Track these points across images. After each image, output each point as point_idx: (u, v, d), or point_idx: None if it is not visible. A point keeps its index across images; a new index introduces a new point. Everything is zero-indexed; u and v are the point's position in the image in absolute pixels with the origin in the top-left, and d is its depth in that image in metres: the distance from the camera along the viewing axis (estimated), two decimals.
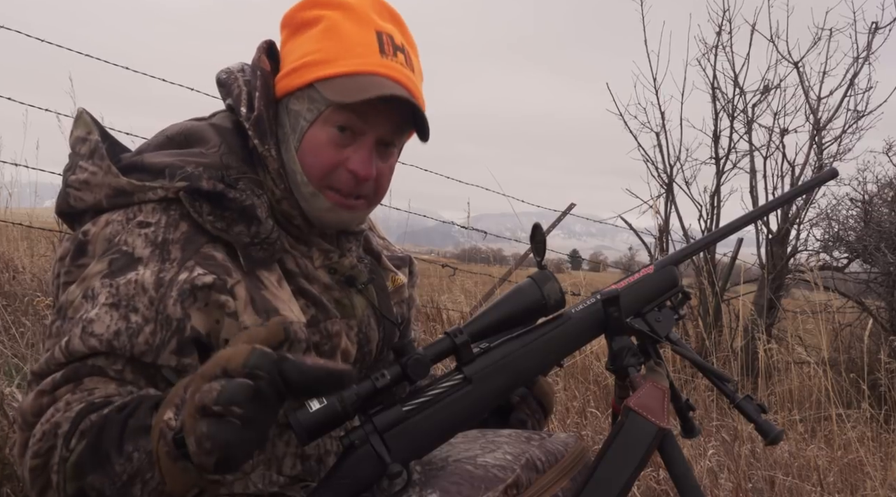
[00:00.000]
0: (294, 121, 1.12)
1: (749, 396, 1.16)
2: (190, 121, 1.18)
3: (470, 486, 1.05)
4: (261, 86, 1.12)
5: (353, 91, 1.07)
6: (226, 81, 1.15)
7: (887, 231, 5.00)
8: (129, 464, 0.87)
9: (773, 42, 5.30)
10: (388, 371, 1.05)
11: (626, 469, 1.06)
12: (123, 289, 0.99)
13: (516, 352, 1.11)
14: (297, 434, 1.00)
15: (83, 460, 0.89)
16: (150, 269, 1.00)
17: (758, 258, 5.40)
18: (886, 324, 4.97)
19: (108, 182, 1.06)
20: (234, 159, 1.10)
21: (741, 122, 5.38)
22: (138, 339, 0.98)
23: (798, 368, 4.04)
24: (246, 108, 1.11)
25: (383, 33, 1.13)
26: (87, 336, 0.97)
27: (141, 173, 1.07)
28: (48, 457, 0.91)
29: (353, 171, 1.12)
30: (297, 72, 1.11)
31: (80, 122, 1.12)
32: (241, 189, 1.06)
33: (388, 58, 1.11)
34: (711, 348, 4.19)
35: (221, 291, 1.02)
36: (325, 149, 1.11)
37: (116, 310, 0.98)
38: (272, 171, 1.10)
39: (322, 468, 1.15)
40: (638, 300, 1.18)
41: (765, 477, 2.54)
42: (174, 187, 1.05)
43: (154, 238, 1.03)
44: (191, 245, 1.04)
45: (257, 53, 1.17)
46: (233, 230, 1.06)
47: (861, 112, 5.27)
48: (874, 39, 5.20)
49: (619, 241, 7.91)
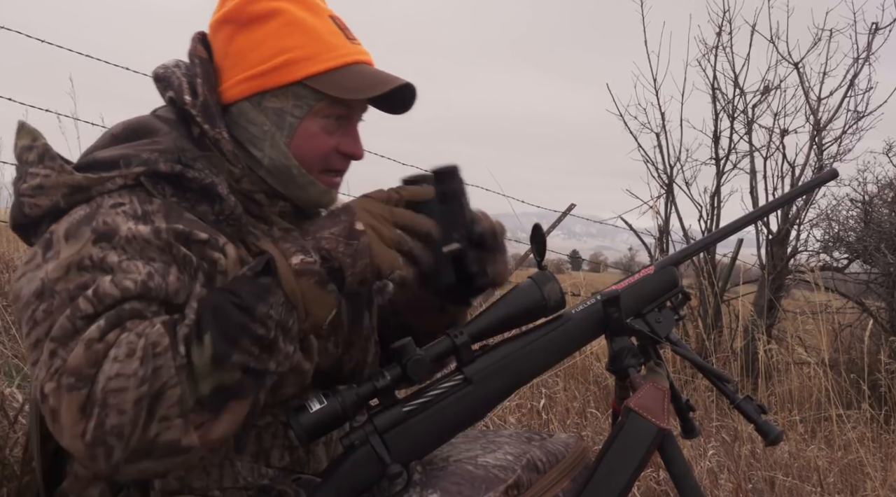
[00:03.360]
0: (277, 118, 1.12)
1: (749, 397, 1.16)
2: (132, 118, 1.16)
3: (471, 487, 1.05)
4: (201, 72, 1.12)
5: (356, 86, 1.11)
6: (163, 75, 1.15)
7: (887, 232, 5.00)
8: (269, 321, 0.94)
9: (773, 43, 5.30)
10: (389, 371, 1.05)
11: (626, 469, 1.06)
12: (128, 244, 0.98)
13: (516, 352, 1.11)
14: (297, 434, 1.00)
15: (218, 349, 0.91)
16: (140, 226, 0.99)
17: (758, 259, 5.40)
18: (886, 324, 4.97)
19: (62, 180, 1.03)
20: (187, 144, 1.10)
21: (741, 123, 5.39)
22: (170, 278, 0.98)
23: (798, 369, 4.04)
24: (190, 95, 1.10)
25: (334, 17, 1.16)
26: (120, 279, 0.94)
27: (94, 169, 1.05)
28: (155, 379, 0.88)
29: (350, 154, 1.17)
30: (276, 71, 1.11)
31: (23, 132, 1.08)
32: (200, 168, 1.06)
33: (353, 42, 1.15)
34: (711, 349, 4.19)
35: (215, 248, 1.03)
36: (319, 138, 1.13)
37: (137, 258, 0.97)
38: (227, 152, 1.10)
39: (312, 458, 1.15)
40: (638, 301, 1.18)
41: (765, 477, 2.54)
42: (132, 173, 1.03)
43: (133, 212, 1.01)
44: (173, 212, 1.03)
45: (192, 43, 1.16)
46: (197, 210, 1.06)
47: (861, 113, 5.27)
48: (874, 40, 5.21)
49: (620, 242, 7.92)
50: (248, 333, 0.93)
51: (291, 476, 1.12)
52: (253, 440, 1.09)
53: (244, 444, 1.08)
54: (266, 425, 1.10)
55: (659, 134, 5.40)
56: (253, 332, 0.93)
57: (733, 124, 5.37)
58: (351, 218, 1.02)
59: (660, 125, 5.40)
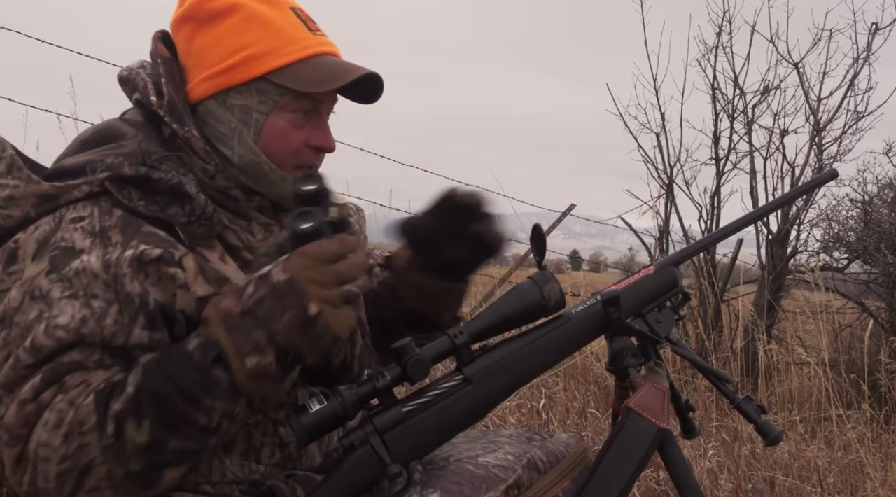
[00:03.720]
0: (244, 115, 1.11)
1: (749, 397, 1.16)
2: (102, 122, 1.15)
3: (471, 487, 1.05)
4: (165, 72, 1.11)
5: (318, 79, 1.09)
6: (128, 78, 1.14)
7: (887, 232, 5.00)
8: (214, 412, 0.93)
9: (773, 43, 5.30)
10: (388, 371, 1.05)
11: (626, 469, 1.06)
12: (75, 279, 0.97)
13: (516, 352, 1.11)
14: (297, 434, 1.00)
15: (156, 435, 0.90)
16: (94, 254, 0.99)
17: (758, 259, 5.40)
18: (886, 324, 4.97)
19: (31, 191, 1.03)
20: (154, 145, 1.09)
21: (741, 123, 5.38)
22: (106, 321, 0.96)
23: (798, 369, 4.05)
24: (155, 96, 1.09)
25: (296, 9, 1.14)
26: (52, 329, 0.94)
27: (62, 177, 1.05)
28: (79, 457, 0.90)
29: (321, 147, 1.15)
30: (238, 68, 1.10)
31: None
32: (166, 169, 1.05)
33: (316, 34, 1.13)
34: (711, 349, 4.20)
35: (170, 264, 1.01)
36: (288, 133, 1.12)
37: (76, 299, 0.96)
38: (199, 150, 1.09)
39: (304, 454, 1.15)
40: (638, 301, 1.18)
41: (765, 478, 2.54)
42: (98, 179, 1.03)
43: (91, 228, 1.01)
44: (130, 227, 1.02)
45: (154, 43, 1.15)
46: (168, 211, 1.05)
47: (861, 113, 5.27)
48: (874, 40, 5.21)
49: (619, 242, 7.91)
50: (189, 422, 0.92)
51: (285, 472, 1.12)
52: (243, 438, 1.09)
53: (234, 443, 1.08)
54: (256, 424, 1.10)
55: (659, 134, 5.40)
56: (195, 421, 0.92)
57: (733, 124, 5.37)
58: (302, 301, 0.94)
59: (660, 125, 5.40)
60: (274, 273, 0.95)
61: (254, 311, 0.94)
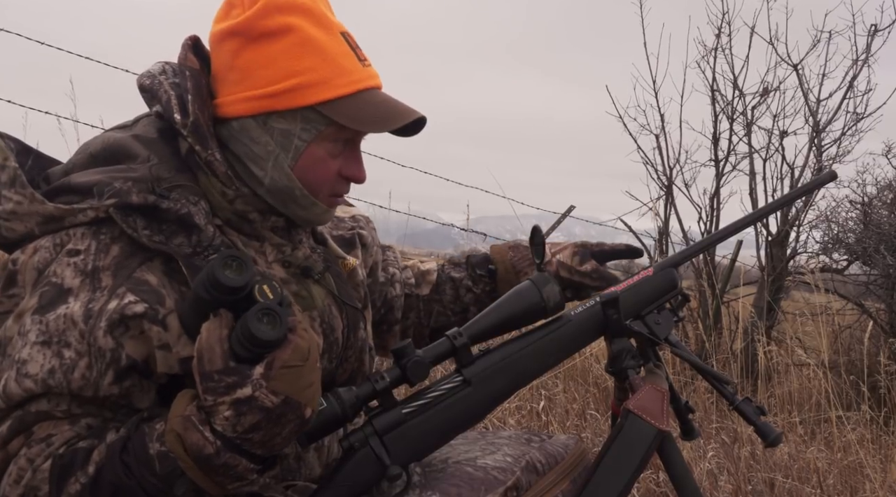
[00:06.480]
0: (284, 140, 1.08)
1: (748, 398, 1.17)
2: (112, 131, 1.13)
3: (470, 489, 1.05)
4: (192, 87, 1.07)
5: (369, 117, 1.08)
6: (150, 87, 1.10)
7: (887, 233, 4.99)
8: None
9: (772, 44, 5.30)
10: (388, 373, 1.05)
11: (625, 471, 1.06)
12: (53, 324, 0.96)
13: (516, 354, 1.11)
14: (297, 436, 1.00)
15: None
16: (80, 300, 0.97)
17: (757, 260, 5.40)
18: (886, 326, 4.97)
19: (35, 210, 1.02)
20: (166, 169, 1.06)
21: (740, 125, 5.38)
22: (74, 374, 0.95)
23: (798, 370, 4.04)
24: (180, 114, 1.06)
25: (346, 34, 1.12)
26: (21, 378, 0.95)
27: (69, 195, 1.04)
28: None
29: (354, 178, 1.14)
30: (287, 94, 1.07)
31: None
32: (175, 199, 1.03)
33: (364, 64, 1.11)
34: (711, 350, 4.19)
35: (154, 321, 0.99)
36: (325, 163, 1.11)
37: (48, 347, 0.96)
38: (220, 174, 1.07)
39: (302, 465, 1.14)
40: (637, 302, 1.19)
41: (764, 479, 2.54)
42: (104, 206, 1.01)
43: (84, 267, 0.99)
44: (123, 270, 1.00)
45: (183, 51, 1.12)
46: (172, 242, 1.03)
47: (860, 114, 5.26)
48: (873, 42, 5.20)
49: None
50: None
51: (283, 483, 1.11)
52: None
53: None
54: None
55: (658, 135, 5.40)
56: None
57: (732, 126, 5.37)
58: (300, 412, 0.92)
59: (659, 127, 5.39)
60: (260, 397, 0.89)
61: (245, 437, 0.91)
